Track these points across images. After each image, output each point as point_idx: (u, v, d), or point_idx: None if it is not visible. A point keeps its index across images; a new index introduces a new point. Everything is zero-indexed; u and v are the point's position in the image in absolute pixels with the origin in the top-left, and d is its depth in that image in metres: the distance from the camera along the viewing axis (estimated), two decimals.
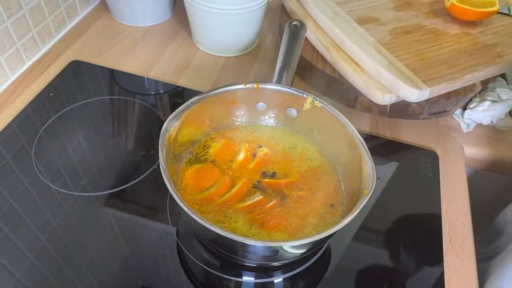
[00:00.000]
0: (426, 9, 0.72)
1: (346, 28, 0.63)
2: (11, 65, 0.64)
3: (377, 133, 0.63)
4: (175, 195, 0.39)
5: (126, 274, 0.45)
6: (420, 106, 0.61)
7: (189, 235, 0.49)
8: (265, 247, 0.39)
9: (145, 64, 0.70)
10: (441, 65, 0.60)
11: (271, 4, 0.79)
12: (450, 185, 0.57)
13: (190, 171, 0.49)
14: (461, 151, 0.62)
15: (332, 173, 0.51)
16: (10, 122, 0.58)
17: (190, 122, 0.49)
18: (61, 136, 0.58)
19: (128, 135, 0.60)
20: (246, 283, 0.47)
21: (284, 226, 0.45)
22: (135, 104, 0.64)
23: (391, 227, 0.53)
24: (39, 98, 0.62)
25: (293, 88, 0.51)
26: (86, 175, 0.53)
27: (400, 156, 0.61)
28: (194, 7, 0.67)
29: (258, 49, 0.76)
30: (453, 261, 0.49)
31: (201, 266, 0.47)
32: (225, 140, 0.54)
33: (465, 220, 0.53)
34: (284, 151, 0.53)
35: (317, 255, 0.49)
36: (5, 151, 0.54)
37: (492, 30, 0.68)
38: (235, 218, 0.45)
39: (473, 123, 0.64)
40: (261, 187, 0.49)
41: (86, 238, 0.48)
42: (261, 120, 0.56)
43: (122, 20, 0.78)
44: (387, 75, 0.57)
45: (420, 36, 0.66)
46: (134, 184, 0.53)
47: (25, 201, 0.50)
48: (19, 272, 0.44)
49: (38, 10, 0.66)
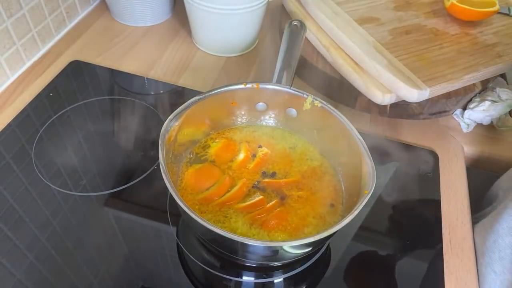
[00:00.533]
0: (426, 9, 0.72)
1: (346, 28, 0.63)
2: (11, 65, 0.64)
3: (377, 133, 0.63)
4: (175, 195, 0.39)
5: (126, 274, 0.45)
6: (420, 106, 0.61)
7: (189, 235, 0.49)
8: (265, 247, 0.39)
9: (145, 64, 0.70)
10: (441, 65, 0.60)
11: (271, 4, 0.79)
12: (450, 185, 0.57)
13: (190, 171, 0.49)
14: (461, 151, 0.62)
15: (332, 173, 0.51)
16: (10, 122, 0.58)
17: (190, 122, 0.49)
18: (61, 136, 0.58)
19: (128, 135, 0.60)
20: (246, 283, 0.47)
21: (284, 226, 0.45)
22: (135, 104, 0.64)
23: (391, 227, 0.53)
24: (39, 98, 0.62)
25: (293, 88, 0.51)
26: (86, 175, 0.53)
27: (400, 156, 0.61)
28: (194, 7, 0.67)
29: (258, 49, 0.76)
30: (453, 261, 0.49)
31: (201, 266, 0.47)
32: (225, 140, 0.54)
33: (465, 220, 0.53)
34: (284, 151, 0.53)
35: (317, 255, 0.49)
36: (5, 151, 0.54)
37: (492, 30, 0.68)
38: (235, 218, 0.45)
39: (473, 123, 0.64)
40: (261, 187, 0.49)
41: (86, 238, 0.48)
42: (261, 120, 0.56)
43: (122, 20, 0.78)
44: (387, 75, 0.57)
45: (420, 36, 0.66)
46: (134, 184, 0.53)
47: (25, 201, 0.50)
48: (19, 272, 0.44)
49: (38, 10, 0.66)
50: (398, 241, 0.52)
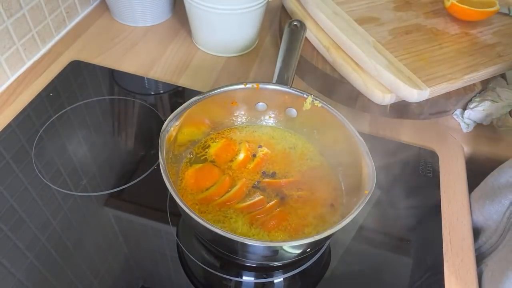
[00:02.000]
0: (426, 9, 0.72)
1: (346, 28, 0.63)
2: (11, 65, 0.64)
3: (377, 133, 0.63)
4: (175, 195, 0.39)
5: (126, 274, 0.45)
6: (420, 106, 0.61)
7: (189, 235, 0.49)
8: (265, 247, 0.39)
9: (145, 64, 0.70)
10: (441, 65, 0.60)
11: (271, 4, 0.79)
12: (450, 185, 0.57)
13: (190, 171, 0.49)
14: (461, 151, 0.62)
15: (332, 173, 0.51)
16: (10, 122, 0.58)
17: (190, 122, 0.49)
18: (61, 136, 0.58)
19: (128, 135, 0.60)
20: (246, 283, 0.47)
21: (284, 226, 0.45)
22: (135, 104, 0.64)
23: (391, 227, 0.53)
24: (39, 98, 0.62)
25: (293, 88, 0.51)
26: (86, 175, 0.53)
27: (400, 156, 0.61)
28: (194, 7, 0.67)
29: (258, 49, 0.76)
30: (453, 261, 0.49)
31: (201, 266, 0.47)
32: (225, 140, 0.54)
33: (465, 220, 0.53)
34: (284, 151, 0.53)
35: (317, 255, 0.49)
36: (5, 151, 0.54)
37: (492, 30, 0.68)
38: (235, 218, 0.45)
39: (473, 123, 0.64)
40: (261, 187, 0.49)
41: (86, 238, 0.48)
42: (261, 120, 0.56)
43: (122, 20, 0.78)
44: (387, 75, 0.57)
45: (420, 36, 0.66)
46: (134, 184, 0.53)
47: (25, 201, 0.50)
48: (19, 272, 0.44)
49: (38, 10, 0.66)
50: (398, 241, 0.52)
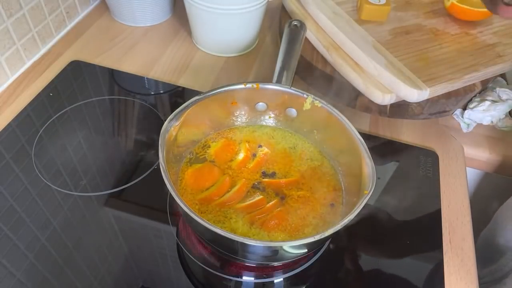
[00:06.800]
0: (426, 9, 0.72)
1: (346, 28, 0.63)
2: (11, 65, 0.64)
3: (377, 133, 0.63)
4: (175, 195, 0.39)
5: (126, 274, 0.45)
6: (420, 106, 0.61)
7: (189, 235, 0.49)
8: (265, 247, 0.39)
9: (145, 64, 0.70)
10: (441, 65, 0.60)
11: (271, 4, 0.79)
12: (450, 185, 0.57)
13: (190, 171, 0.49)
14: (461, 151, 0.62)
15: (332, 173, 0.51)
16: (10, 122, 0.58)
17: (190, 122, 0.49)
18: (61, 136, 0.58)
19: (128, 135, 0.60)
20: (246, 283, 0.47)
21: (284, 226, 0.45)
22: (135, 104, 0.64)
23: (391, 227, 0.53)
24: (39, 98, 0.62)
25: (293, 88, 0.51)
26: (86, 175, 0.53)
27: (400, 156, 0.61)
28: (194, 7, 0.67)
29: (258, 49, 0.76)
30: (453, 261, 0.49)
31: (201, 266, 0.47)
32: (225, 140, 0.54)
33: (465, 220, 0.53)
34: (284, 151, 0.53)
35: (317, 255, 0.49)
36: (5, 151, 0.54)
37: (492, 30, 0.68)
38: (235, 218, 0.45)
39: (473, 123, 0.64)
40: (261, 187, 0.49)
41: (86, 238, 0.48)
42: (261, 120, 0.56)
43: (122, 20, 0.78)
44: (387, 75, 0.57)
45: (420, 36, 0.66)
46: (134, 184, 0.53)
47: (25, 201, 0.50)
48: (19, 272, 0.44)
49: (38, 10, 0.66)
50: (398, 241, 0.52)
